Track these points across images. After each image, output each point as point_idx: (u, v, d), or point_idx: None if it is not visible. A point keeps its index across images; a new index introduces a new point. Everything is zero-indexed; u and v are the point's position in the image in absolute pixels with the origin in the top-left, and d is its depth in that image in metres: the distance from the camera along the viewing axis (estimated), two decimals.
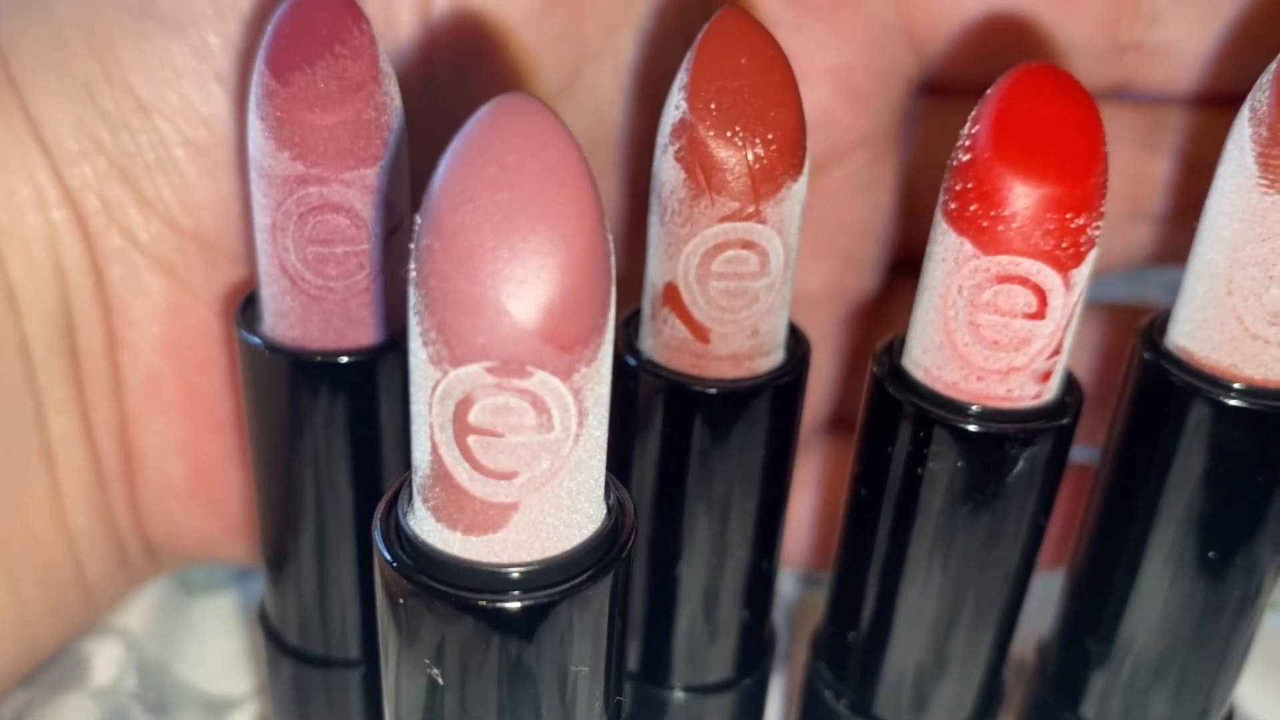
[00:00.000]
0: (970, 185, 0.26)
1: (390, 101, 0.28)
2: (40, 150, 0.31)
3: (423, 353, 0.21)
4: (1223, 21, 0.38)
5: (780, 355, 0.30)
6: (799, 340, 0.31)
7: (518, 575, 0.22)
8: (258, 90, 0.27)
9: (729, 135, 0.27)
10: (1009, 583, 0.30)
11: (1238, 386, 0.28)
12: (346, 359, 0.29)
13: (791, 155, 0.27)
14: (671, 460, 0.30)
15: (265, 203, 0.28)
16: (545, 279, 0.20)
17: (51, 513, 0.34)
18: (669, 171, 0.28)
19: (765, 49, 0.27)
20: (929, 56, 0.39)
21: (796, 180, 0.28)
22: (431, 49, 0.33)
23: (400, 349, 0.29)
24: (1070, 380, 0.29)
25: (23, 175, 0.31)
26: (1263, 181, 0.27)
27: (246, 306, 0.30)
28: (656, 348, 0.30)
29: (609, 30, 0.35)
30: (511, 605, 0.22)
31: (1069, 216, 0.26)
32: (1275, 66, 0.27)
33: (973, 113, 0.27)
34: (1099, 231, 0.26)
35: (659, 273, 0.29)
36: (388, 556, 0.23)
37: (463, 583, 0.22)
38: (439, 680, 0.23)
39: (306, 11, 0.27)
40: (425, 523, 0.23)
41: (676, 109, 0.27)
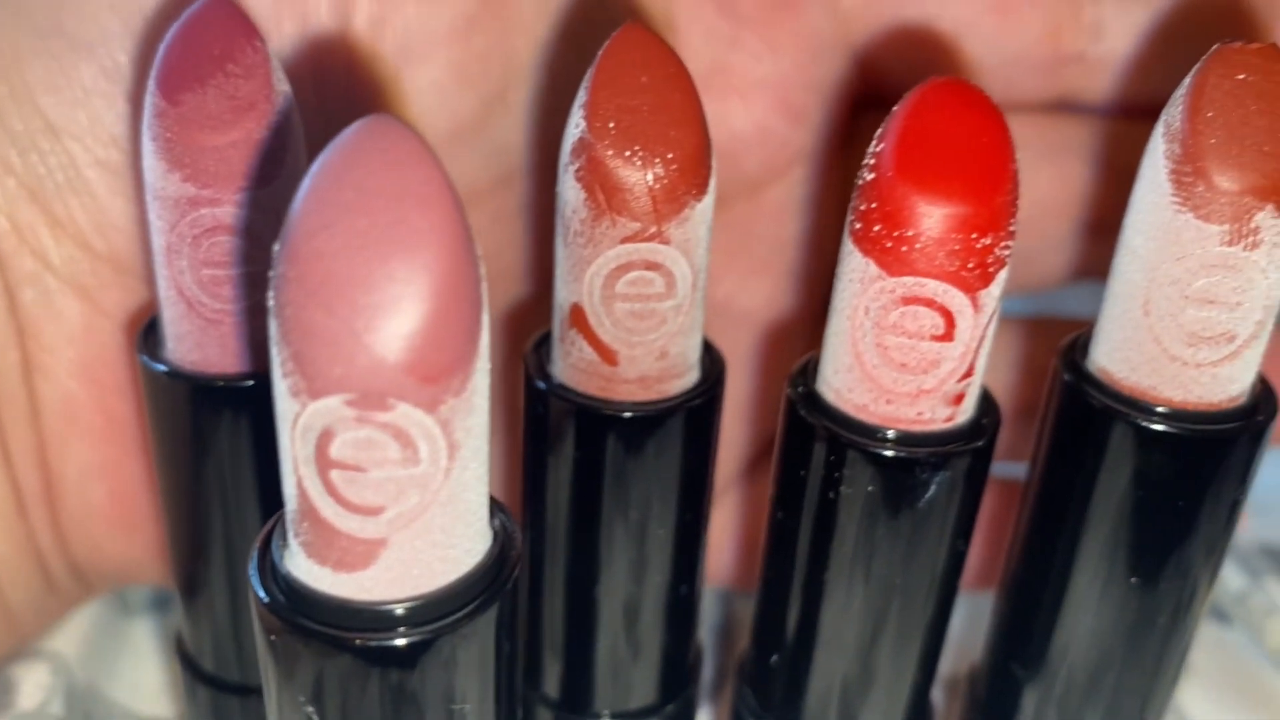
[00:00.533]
0: (874, 205, 0.26)
1: (284, 121, 0.27)
2: None
3: (283, 384, 0.20)
4: (1167, 33, 0.37)
5: (694, 377, 0.30)
6: (714, 361, 0.30)
7: (392, 612, 0.22)
8: (149, 110, 0.27)
9: (628, 155, 0.26)
10: (930, 605, 0.30)
11: (1159, 409, 0.28)
12: (247, 383, 0.28)
13: (694, 175, 0.27)
14: (584, 485, 0.30)
15: (160, 225, 0.27)
16: (404, 308, 0.20)
17: None
18: (570, 191, 0.27)
19: (667, 66, 0.27)
20: (869, 70, 0.38)
21: (701, 200, 0.27)
22: (352, 64, 0.32)
23: None
24: (987, 401, 0.28)
25: None
26: (1176, 199, 0.26)
27: (149, 331, 0.30)
28: (566, 370, 0.29)
29: (538, 44, 0.35)
30: (386, 643, 0.22)
31: (975, 236, 0.25)
32: (1189, 81, 0.26)
33: (879, 130, 0.26)
34: (1008, 251, 0.26)
35: (565, 294, 0.28)
36: (261, 593, 0.22)
37: (335, 621, 0.22)
38: (314, 719, 0.23)
39: (199, 30, 0.27)
40: (297, 558, 0.22)
41: (576, 127, 0.27)
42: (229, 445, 0.29)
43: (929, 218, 0.25)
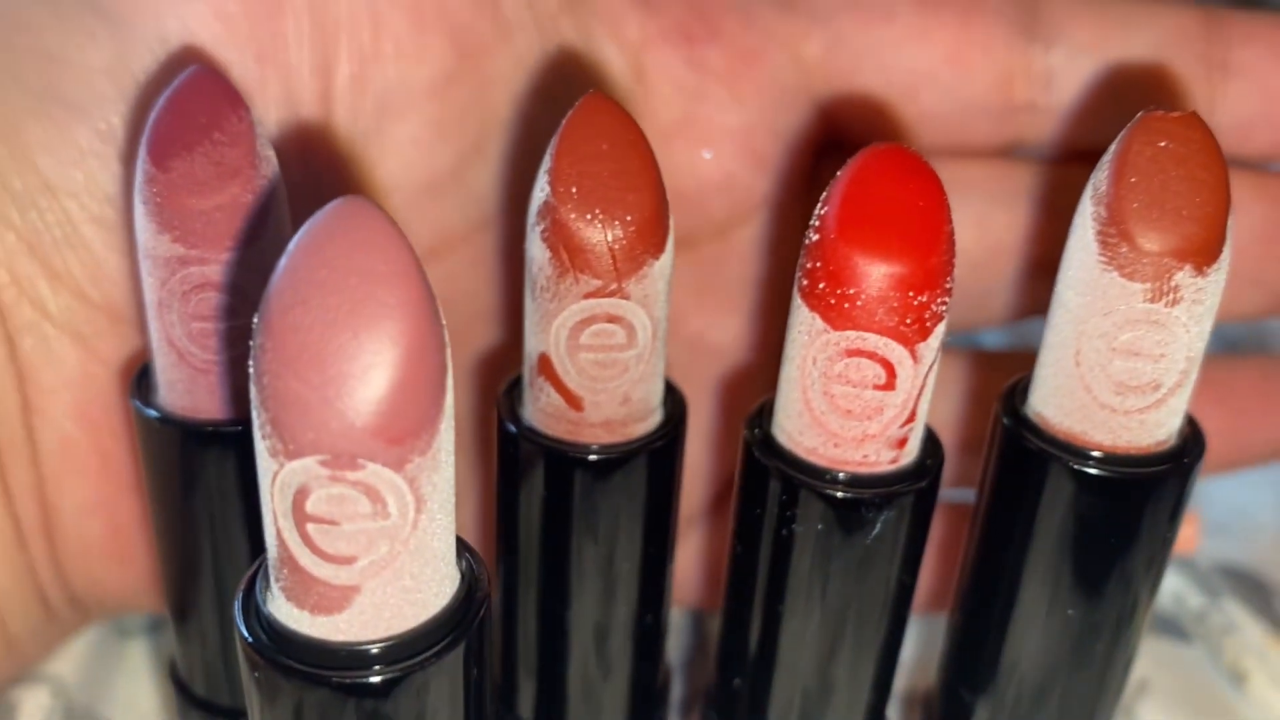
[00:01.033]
0: (819, 264, 0.27)
1: (267, 184, 0.29)
2: None
3: (263, 445, 0.22)
4: (1114, 81, 0.39)
5: (656, 419, 0.31)
6: (677, 404, 0.32)
7: (367, 652, 0.24)
8: (140, 176, 0.28)
9: (589, 217, 0.28)
10: (881, 632, 0.31)
11: (1092, 453, 0.29)
12: (234, 428, 0.30)
13: (652, 235, 0.28)
14: (553, 522, 0.31)
15: (151, 281, 0.29)
16: (372, 378, 0.21)
17: None
18: (536, 249, 0.29)
19: (625, 134, 0.28)
20: (831, 118, 0.40)
21: (659, 258, 0.29)
22: (332, 121, 0.34)
23: None
24: (931, 443, 0.30)
25: None
26: (1102, 258, 0.28)
27: (142, 377, 0.31)
28: (535, 414, 0.31)
29: (514, 98, 0.36)
30: (361, 680, 0.24)
31: (912, 294, 0.27)
32: (1114, 147, 0.28)
33: (824, 194, 0.28)
34: (945, 306, 0.28)
35: (533, 344, 0.30)
36: (245, 634, 0.24)
37: (313, 660, 0.24)
38: None
39: (186, 100, 0.28)
40: (278, 601, 0.24)
41: (541, 191, 0.28)
42: (217, 486, 0.31)
43: (869, 277, 0.27)
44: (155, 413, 0.30)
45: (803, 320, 0.28)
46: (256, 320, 0.22)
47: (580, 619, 0.33)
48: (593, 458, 0.30)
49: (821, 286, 0.27)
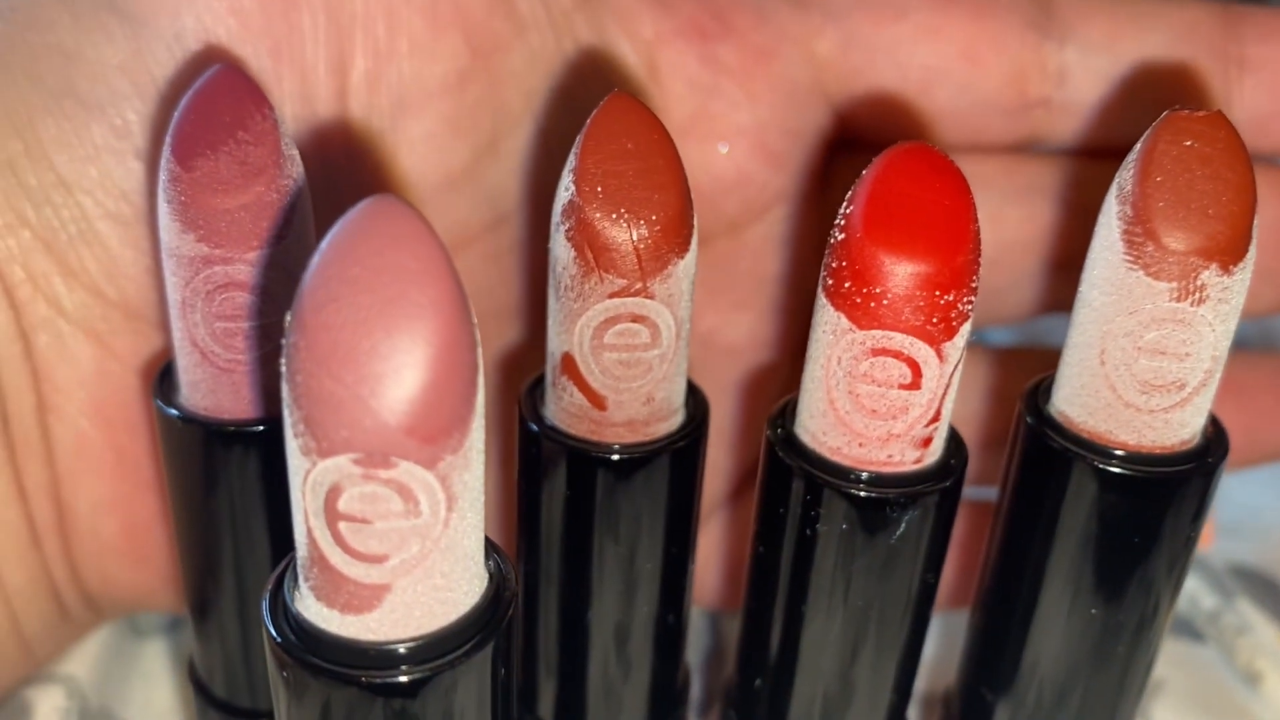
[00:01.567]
0: (844, 263, 0.27)
1: (292, 183, 0.29)
2: None
3: (294, 443, 0.22)
4: (1128, 78, 0.39)
5: (679, 419, 0.31)
6: (699, 403, 0.32)
7: (395, 651, 0.24)
8: (164, 175, 0.28)
9: (614, 217, 0.28)
10: (903, 633, 0.31)
11: (1115, 452, 0.29)
12: (257, 428, 0.30)
13: (676, 235, 0.28)
14: (575, 521, 0.31)
15: (174, 281, 0.29)
16: (406, 377, 0.21)
17: None
18: (561, 249, 0.29)
19: (650, 133, 0.28)
20: (844, 115, 0.40)
21: (683, 257, 0.29)
22: (349, 118, 0.34)
23: None
24: (955, 443, 0.30)
25: None
26: (1128, 258, 0.28)
27: (164, 376, 0.31)
28: (558, 414, 0.31)
29: (529, 94, 0.36)
30: (391, 680, 0.23)
31: (938, 293, 0.27)
32: (1140, 146, 0.28)
33: (849, 192, 0.28)
34: (971, 306, 0.27)
35: (557, 343, 0.30)
36: (274, 632, 0.24)
37: (342, 659, 0.23)
38: None
39: (210, 99, 0.28)
40: (307, 600, 0.24)
41: (566, 191, 0.28)
42: (240, 486, 0.31)
43: (895, 276, 0.27)
44: (177, 412, 0.30)
45: (828, 319, 0.28)
46: (289, 318, 0.22)
47: (601, 619, 0.33)
48: (615, 457, 0.30)
49: (847, 286, 0.27)
